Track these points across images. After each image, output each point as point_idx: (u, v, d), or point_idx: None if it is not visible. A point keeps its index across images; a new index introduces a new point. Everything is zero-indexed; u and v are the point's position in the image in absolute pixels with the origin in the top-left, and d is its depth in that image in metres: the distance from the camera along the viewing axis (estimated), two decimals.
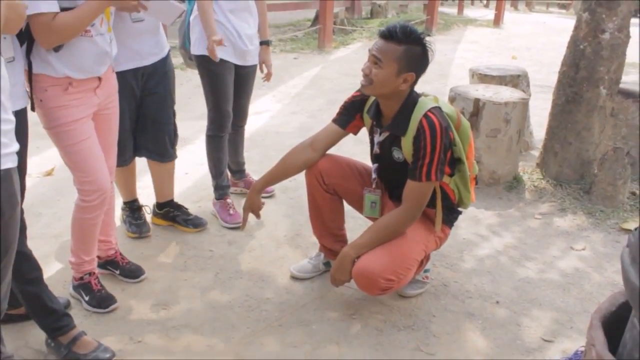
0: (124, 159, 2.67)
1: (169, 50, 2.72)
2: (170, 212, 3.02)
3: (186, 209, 3.06)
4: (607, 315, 1.27)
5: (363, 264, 2.19)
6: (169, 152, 2.83)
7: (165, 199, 3.02)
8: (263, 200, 2.52)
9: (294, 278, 2.62)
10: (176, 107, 2.82)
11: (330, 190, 2.46)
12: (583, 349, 1.38)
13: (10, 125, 1.40)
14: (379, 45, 2.15)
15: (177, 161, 2.96)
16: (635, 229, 1.15)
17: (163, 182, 2.98)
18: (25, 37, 1.92)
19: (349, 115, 2.40)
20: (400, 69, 2.13)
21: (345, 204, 2.57)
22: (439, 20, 12.30)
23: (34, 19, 1.85)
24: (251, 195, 2.47)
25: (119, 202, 2.84)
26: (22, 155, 1.73)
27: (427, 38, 2.17)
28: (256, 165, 3.61)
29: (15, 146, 1.42)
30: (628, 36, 3.60)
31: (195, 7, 2.84)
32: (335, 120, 2.43)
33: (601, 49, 3.56)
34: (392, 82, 2.15)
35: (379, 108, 2.30)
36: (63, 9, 1.90)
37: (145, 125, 2.71)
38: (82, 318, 2.25)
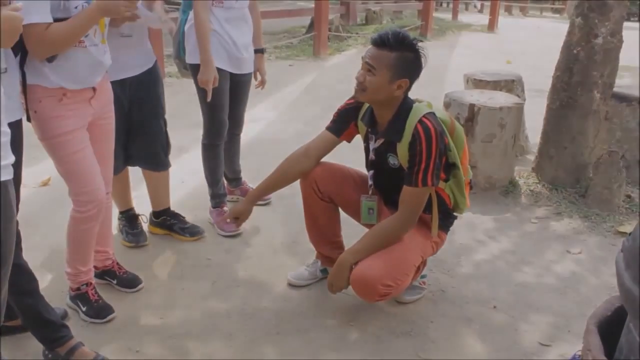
0: (113, 168, 2.67)
1: (156, 61, 2.73)
2: (167, 220, 3.02)
3: (183, 217, 3.06)
4: (603, 320, 1.28)
5: (361, 271, 2.19)
6: (163, 161, 2.83)
7: (161, 207, 3.02)
8: (259, 207, 2.52)
9: (291, 286, 2.62)
10: (171, 116, 2.82)
11: (325, 198, 2.46)
12: (580, 353, 1.38)
13: (5, 137, 1.39)
14: (371, 52, 2.16)
15: (173, 169, 2.96)
16: (630, 234, 1.15)
17: (158, 191, 2.98)
18: (19, 48, 1.91)
19: (343, 123, 2.41)
20: (394, 75, 2.14)
21: (341, 211, 2.57)
22: (434, 26, 12.36)
23: (26, 30, 1.82)
24: (244, 205, 2.48)
25: (115, 212, 2.83)
26: (17, 166, 1.72)
27: (420, 44, 2.18)
28: (253, 173, 3.61)
29: (11, 158, 1.42)
30: (621, 40, 3.62)
31: (191, 16, 2.85)
32: (329, 128, 2.43)
33: (594, 54, 3.58)
34: (386, 89, 2.16)
35: (373, 115, 2.31)
36: (56, 20, 1.89)
37: (137, 135, 2.71)
38: (79, 329, 2.24)
